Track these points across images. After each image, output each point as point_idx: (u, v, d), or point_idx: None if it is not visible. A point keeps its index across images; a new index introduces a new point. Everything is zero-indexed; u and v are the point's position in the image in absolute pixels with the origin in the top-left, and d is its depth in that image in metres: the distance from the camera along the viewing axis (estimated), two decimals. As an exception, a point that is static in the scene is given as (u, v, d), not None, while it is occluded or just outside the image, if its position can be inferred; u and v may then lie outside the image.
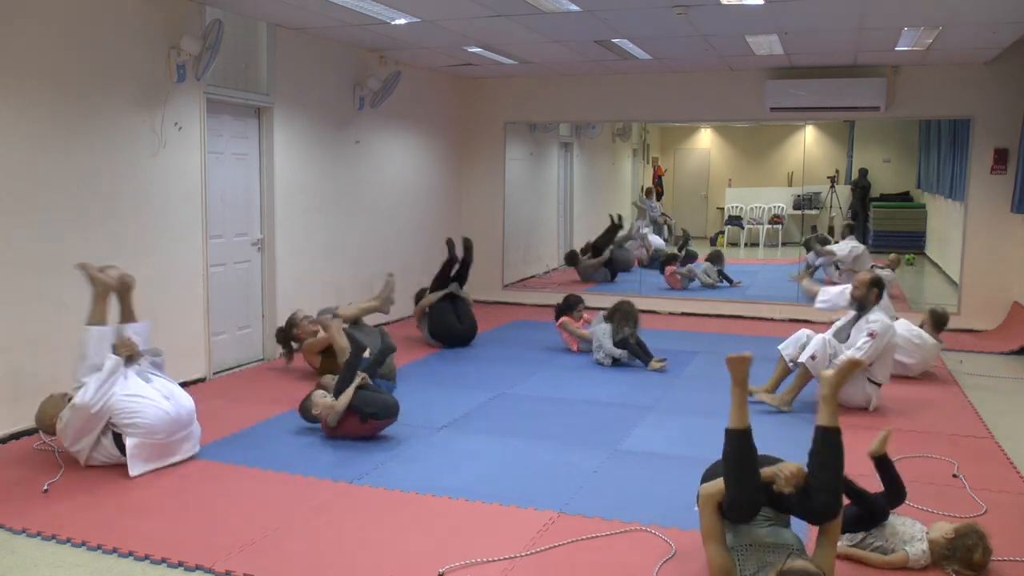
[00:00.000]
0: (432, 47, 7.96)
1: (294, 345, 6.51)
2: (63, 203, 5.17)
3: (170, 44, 5.85)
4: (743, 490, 2.95)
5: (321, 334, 6.23)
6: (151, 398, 4.34)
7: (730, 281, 10.49)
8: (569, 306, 7.59)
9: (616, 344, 6.88)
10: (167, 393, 4.44)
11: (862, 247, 9.83)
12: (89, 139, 5.34)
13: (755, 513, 3.01)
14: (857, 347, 5.46)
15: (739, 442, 3.01)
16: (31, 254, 4.97)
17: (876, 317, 5.59)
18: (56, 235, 5.12)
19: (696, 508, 3.12)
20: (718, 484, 3.03)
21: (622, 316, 6.97)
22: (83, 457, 4.36)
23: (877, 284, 5.70)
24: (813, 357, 5.53)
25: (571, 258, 10.94)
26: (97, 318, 4.46)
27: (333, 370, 5.71)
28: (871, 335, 5.47)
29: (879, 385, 5.63)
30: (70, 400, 4.37)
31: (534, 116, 10.38)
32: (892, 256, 9.75)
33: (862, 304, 5.68)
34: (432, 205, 9.82)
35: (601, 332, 6.98)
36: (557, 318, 7.59)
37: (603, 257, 10.79)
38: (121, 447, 4.31)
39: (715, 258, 10.59)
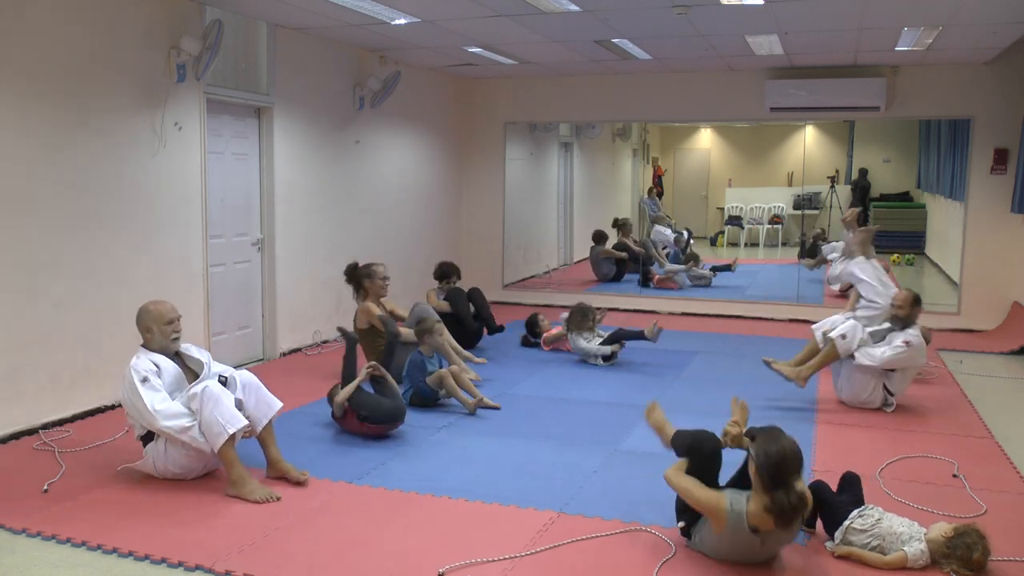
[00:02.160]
0: (432, 47, 7.96)
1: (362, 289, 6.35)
2: (63, 203, 5.17)
3: (170, 44, 5.85)
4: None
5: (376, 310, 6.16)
6: (197, 468, 4.25)
7: (714, 269, 10.80)
8: (532, 323, 7.75)
9: (603, 343, 7.02)
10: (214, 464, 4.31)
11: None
12: (89, 139, 5.33)
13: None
14: (893, 346, 5.43)
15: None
16: (31, 254, 4.97)
17: (915, 332, 5.53)
18: (56, 235, 5.11)
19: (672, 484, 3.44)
20: (679, 464, 3.47)
21: (580, 317, 7.16)
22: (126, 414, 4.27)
23: (918, 302, 5.63)
24: (844, 336, 5.46)
25: (598, 236, 10.75)
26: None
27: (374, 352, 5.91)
28: (906, 343, 5.41)
29: (893, 395, 5.61)
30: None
31: (534, 116, 10.38)
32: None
33: (905, 323, 5.54)
34: (432, 205, 9.82)
35: (574, 341, 7.16)
36: (534, 337, 7.74)
37: (620, 253, 10.72)
38: (148, 437, 4.21)
39: (690, 259, 10.70)
